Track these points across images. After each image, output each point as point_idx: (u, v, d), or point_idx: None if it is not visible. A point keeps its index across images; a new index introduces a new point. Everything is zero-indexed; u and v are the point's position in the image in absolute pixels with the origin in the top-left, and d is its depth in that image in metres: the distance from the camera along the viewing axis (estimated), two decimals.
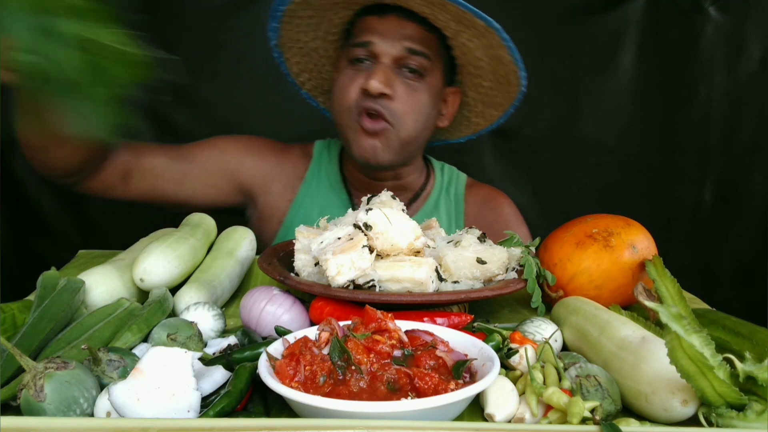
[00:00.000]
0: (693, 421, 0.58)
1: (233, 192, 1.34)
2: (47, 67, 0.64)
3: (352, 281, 0.78)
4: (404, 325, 0.68)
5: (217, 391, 0.61)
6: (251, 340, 0.71)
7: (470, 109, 1.36)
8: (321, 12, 1.20)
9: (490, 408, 0.59)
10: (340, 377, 0.58)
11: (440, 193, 1.39)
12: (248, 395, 0.60)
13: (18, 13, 0.61)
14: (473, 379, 0.60)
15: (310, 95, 1.41)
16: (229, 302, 0.93)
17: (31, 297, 0.81)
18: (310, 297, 0.81)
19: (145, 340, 0.71)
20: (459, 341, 0.66)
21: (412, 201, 1.36)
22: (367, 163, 1.22)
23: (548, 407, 0.58)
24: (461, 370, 0.60)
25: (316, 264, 0.83)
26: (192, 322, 0.71)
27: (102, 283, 0.82)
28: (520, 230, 1.37)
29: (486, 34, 1.13)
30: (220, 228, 1.11)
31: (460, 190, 1.41)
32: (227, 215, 1.30)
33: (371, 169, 1.26)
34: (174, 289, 0.85)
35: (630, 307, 0.89)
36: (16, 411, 0.56)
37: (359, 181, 1.33)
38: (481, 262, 0.86)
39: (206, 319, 0.76)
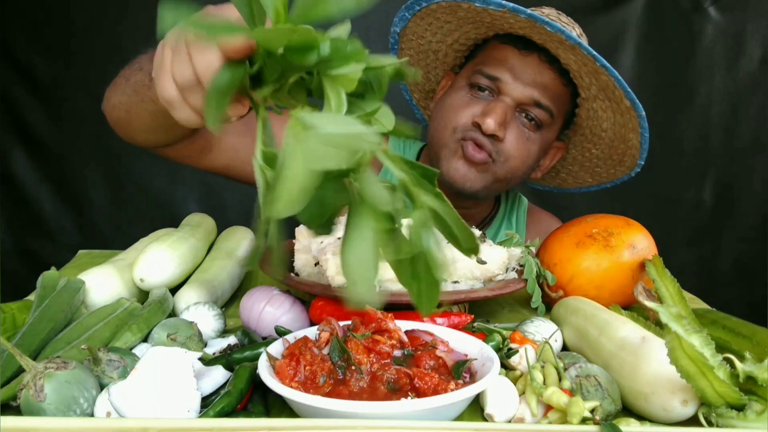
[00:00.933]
0: (693, 421, 0.58)
1: None
2: None
3: None
4: (404, 325, 0.68)
5: (217, 391, 0.61)
6: (251, 340, 0.71)
7: (564, 165, 1.29)
8: (462, 23, 1.12)
9: (490, 408, 0.59)
10: (340, 377, 0.58)
11: (502, 221, 1.33)
12: (248, 395, 0.60)
13: None
14: (473, 379, 0.60)
15: (407, 88, 1.32)
16: (229, 302, 0.93)
17: (31, 297, 0.81)
18: (310, 297, 0.81)
19: (145, 340, 0.71)
20: (459, 341, 0.66)
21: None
22: (452, 185, 1.13)
23: (548, 407, 0.58)
24: (461, 370, 0.60)
25: (316, 264, 0.83)
26: (192, 322, 0.71)
27: (102, 283, 0.82)
28: None
29: (626, 113, 1.05)
30: (220, 228, 1.11)
31: (522, 218, 1.35)
32: (228, 215, 1.30)
33: (452, 190, 1.14)
34: (174, 289, 0.85)
35: (630, 307, 0.89)
36: (16, 411, 0.56)
37: None
38: (481, 262, 0.86)
39: (206, 319, 0.76)
